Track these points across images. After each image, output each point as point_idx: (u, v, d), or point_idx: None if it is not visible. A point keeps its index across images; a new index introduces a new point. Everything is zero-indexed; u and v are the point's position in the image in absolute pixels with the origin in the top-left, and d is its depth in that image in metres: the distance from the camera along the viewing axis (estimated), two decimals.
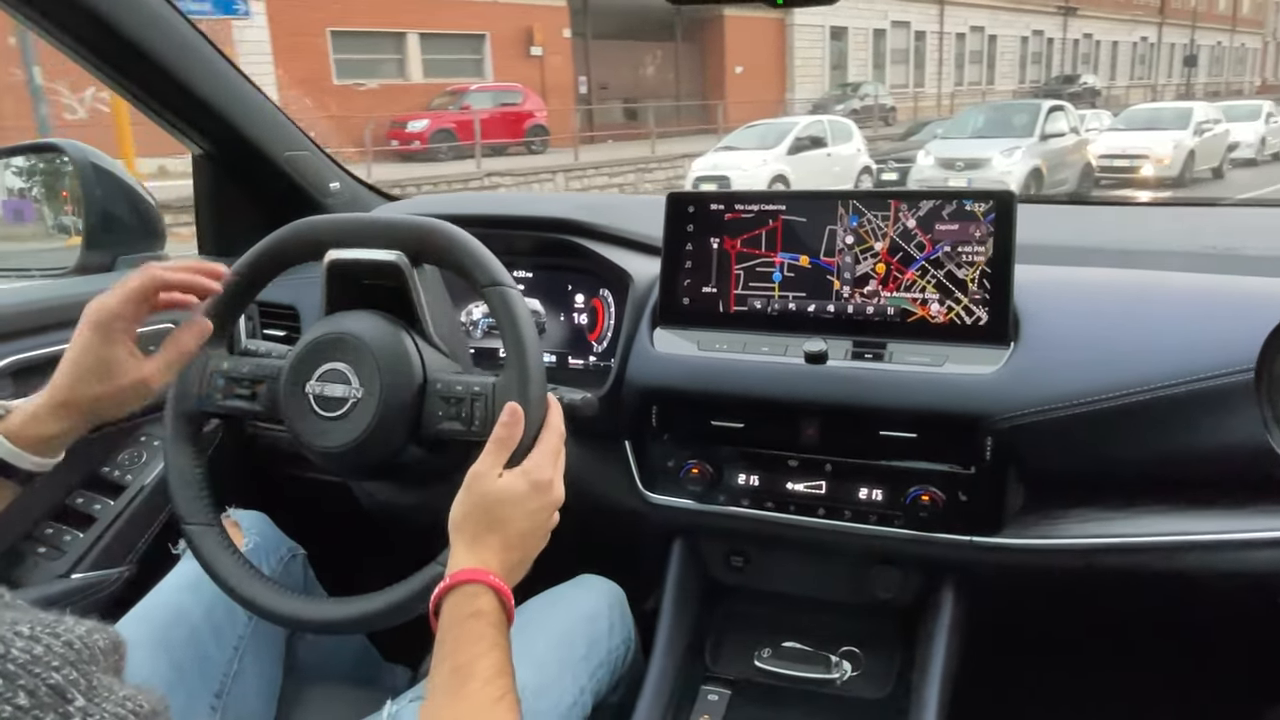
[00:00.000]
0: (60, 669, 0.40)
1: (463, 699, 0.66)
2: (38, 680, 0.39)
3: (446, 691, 0.68)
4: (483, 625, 0.71)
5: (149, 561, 1.27)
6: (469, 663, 0.69)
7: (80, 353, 0.79)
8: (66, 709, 0.39)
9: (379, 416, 0.86)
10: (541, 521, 0.81)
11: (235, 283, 0.94)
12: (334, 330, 0.91)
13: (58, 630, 0.42)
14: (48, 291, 1.33)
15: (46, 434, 0.78)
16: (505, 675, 0.69)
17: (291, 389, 0.90)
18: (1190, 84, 35.82)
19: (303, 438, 0.89)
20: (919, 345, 1.06)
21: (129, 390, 0.80)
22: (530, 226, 1.34)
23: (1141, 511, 1.00)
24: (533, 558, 0.81)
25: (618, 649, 1.09)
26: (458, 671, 0.68)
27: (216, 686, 0.96)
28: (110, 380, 0.79)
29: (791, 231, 1.12)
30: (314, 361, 0.90)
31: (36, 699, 0.39)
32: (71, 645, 0.42)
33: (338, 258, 0.93)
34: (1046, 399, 0.98)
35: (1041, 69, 32.22)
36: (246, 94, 1.41)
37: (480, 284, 0.87)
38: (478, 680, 0.67)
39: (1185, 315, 1.03)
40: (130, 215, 1.47)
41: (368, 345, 0.88)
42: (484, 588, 0.73)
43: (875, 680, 1.15)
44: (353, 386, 0.87)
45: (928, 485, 1.04)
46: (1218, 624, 1.19)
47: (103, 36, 1.19)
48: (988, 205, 1.04)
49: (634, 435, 1.19)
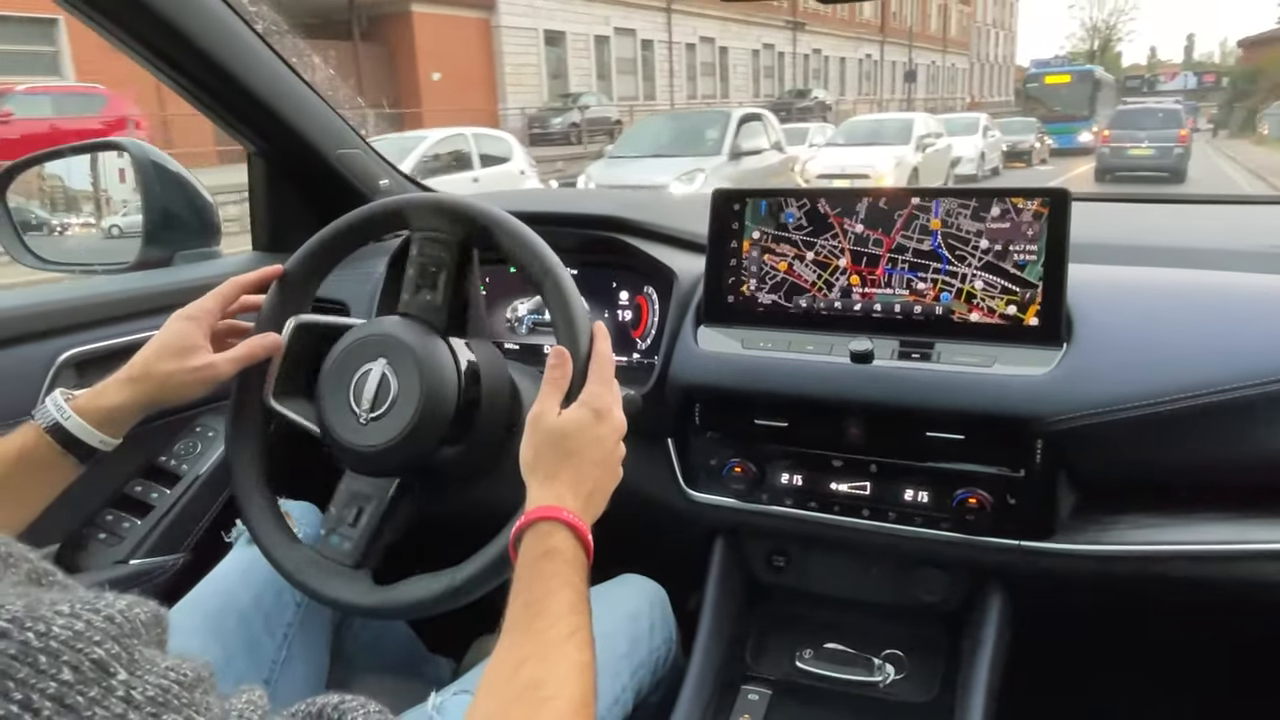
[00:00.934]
0: (102, 644, 0.41)
1: (533, 635, 0.66)
2: (81, 656, 0.40)
3: (517, 628, 0.67)
4: (557, 563, 0.71)
5: (203, 549, 1.30)
6: (540, 599, 0.68)
7: (166, 333, 0.89)
8: (110, 682, 0.40)
9: (418, 418, 0.87)
10: (609, 449, 0.81)
11: (314, 252, 1.00)
12: (376, 331, 0.92)
13: (98, 606, 0.43)
14: (108, 286, 1.37)
15: (109, 405, 0.84)
16: (578, 613, 0.68)
17: (333, 386, 0.92)
18: (911, 99, 38.63)
19: (335, 432, 0.90)
20: (968, 345, 1.04)
21: (198, 374, 0.89)
22: (575, 224, 1.34)
23: (1198, 519, 0.97)
24: (608, 490, 0.82)
25: (659, 649, 1.09)
26: (529, 607, 0.68)
27: (265, 674, 0.98)
28: (184, 360, 0.88)
29: (838, 229, 1.11)
30: (355, 361, 0.91)
31: (80, 674, 0.39)
32: (112, 620, 0.43)
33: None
34: (1100, 402, 0.95)
35: (775, 83, 32.35)
36: (300, 93, 1.43)
37: (534, 274, 0.90)
38: (548, 617, 0.67)
39: (1248, 316, 1.00)
40: (188, 212, 1.51)
41: (409, 346, 0.89)
42: (558, 525, 0.73)
43: (919, 684, 1.13)
44: (393, 387, 0.89)
45: (975, 488, 1.02)
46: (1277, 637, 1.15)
47: (161, 35, 1.22)
48: (1041, 203, 1.02)
49: (677, 433, 1.19)
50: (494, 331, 1.43)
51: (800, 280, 1.13)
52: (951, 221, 1.06)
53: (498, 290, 1.42)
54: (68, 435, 0.81)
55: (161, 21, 1.20)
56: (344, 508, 0.94)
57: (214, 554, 1.10)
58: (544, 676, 0.62)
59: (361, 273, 1.44)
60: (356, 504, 0.93)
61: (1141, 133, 16.45)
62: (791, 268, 1.14)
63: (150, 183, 1.46)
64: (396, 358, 0.89)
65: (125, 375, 0.86)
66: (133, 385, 0.86)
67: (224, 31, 1.28)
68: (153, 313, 1.34)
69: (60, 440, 0.81)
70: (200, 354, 0.89)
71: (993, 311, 1.04)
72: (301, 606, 1.04)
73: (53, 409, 0.82)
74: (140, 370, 0.86)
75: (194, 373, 0.88)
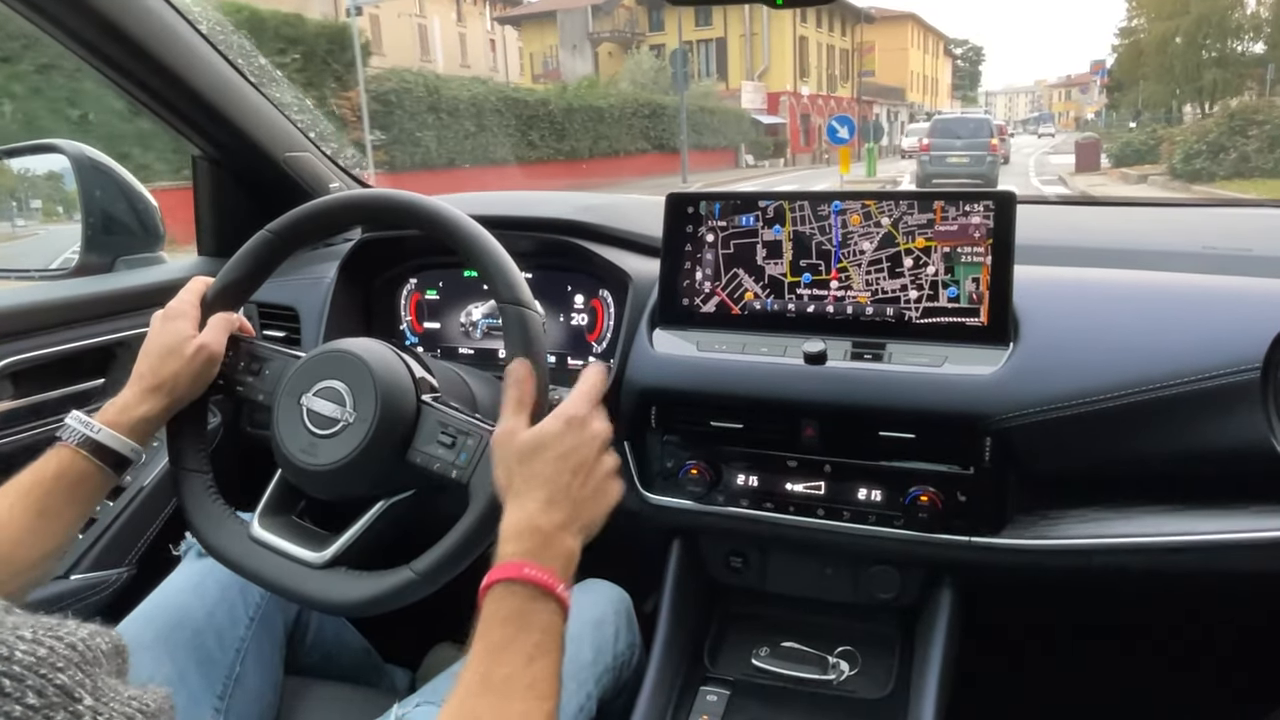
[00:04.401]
0: (65, 670, 0.41)
1: (491, 687, 0.63)
2: (44, 681, 0.39)
3: (475, 678, 0.64)
4: (519, 625, 0.66)
5: (148, 563, 1.27)
6: (499, 647, 0.65)
7: (151, 339, 0.91)
8: (76, 707, 0.40)
9: (369, 439, 0.85)
10: (588, 459, 0.76)
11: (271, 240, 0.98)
12: (337, 348, 0.91)
13: (60, 633, 0.42)
14: (48, 293, 1.33)
15: (138, 416, 0.87)
16: (541, 656, 0.65)
17: (287, 400, 0.90)
18: None
19: (286, 448, 0.89)
20: (918, 346, 1.06)
21: (198, 361, 0.91)
22: (531, 228, 1.34)
23: (1142, 512, 1.00)
24: (601, 503, 0.77)
25: (623, 654, 1.09)
26: (489, 653, 0.65)
27: (220, 688, 0.96)
28: (180, 355, 0.90)
29: (791, 232, 1.12)
30: (313, 377, 0.90)
31: (45, 698, 0.39)
32: (75, 647, 0.42)
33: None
34: (1046, 399, 0.98)
35: None
36: (247, 95, 1.41)
37: (503, 299, 0.87)
38: (509, 665, 0.64)
39: (1188, 315, 1.03)
40: (129, 216, 1.47)
41: (369, 366, 0.88)
42: (516, 585, 0.67)
43: (873, 680, 1.15)
44: (346, 408, 0.87)
45: (927, 486, 1.04)
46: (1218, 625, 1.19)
47: (103, 36, 1.19)
48: (987, 206, 1.04)
49: (633, 436, 1.19)
50: (448, 336, 1.42)
51: (755, 282, 1.14)
52: (901, 224, 1.08)
53: (452, 294, 1.41)
54: (100, 447, 0.84)
55: (104, 22, 1.17)
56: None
57: (160, 568, 1.07)
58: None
59: (312, 277, 1.42)
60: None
61: (958, 140, 17.50)
62: (746, 270, 1.14)
63: (89, 186, 1.42)
64: (355, 378, 0.88)
65: (144, 386, 0.89)
66: (155, 394, 0.89)
67: (167, 32, 1.25)
68: (94, 319, 1.30)
69: (95, 453, 0.83)
70: (189, 343, 0.91)
71: (942, 312, 1.06)
72: (255, 621, 1.02)
73: (79, 426, 0.84)
74: (153, 380, 0.89)
75: (194, 363, 0.91)
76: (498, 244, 0.90)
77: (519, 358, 0.82)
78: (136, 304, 1.36)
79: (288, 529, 0.91)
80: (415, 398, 0.89)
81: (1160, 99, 34.94)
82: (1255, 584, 1.00)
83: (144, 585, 1.05)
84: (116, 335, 1.32)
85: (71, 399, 1.26)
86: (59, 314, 1.26)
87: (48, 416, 1.22)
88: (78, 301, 1.30)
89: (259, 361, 0.97)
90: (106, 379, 1.31)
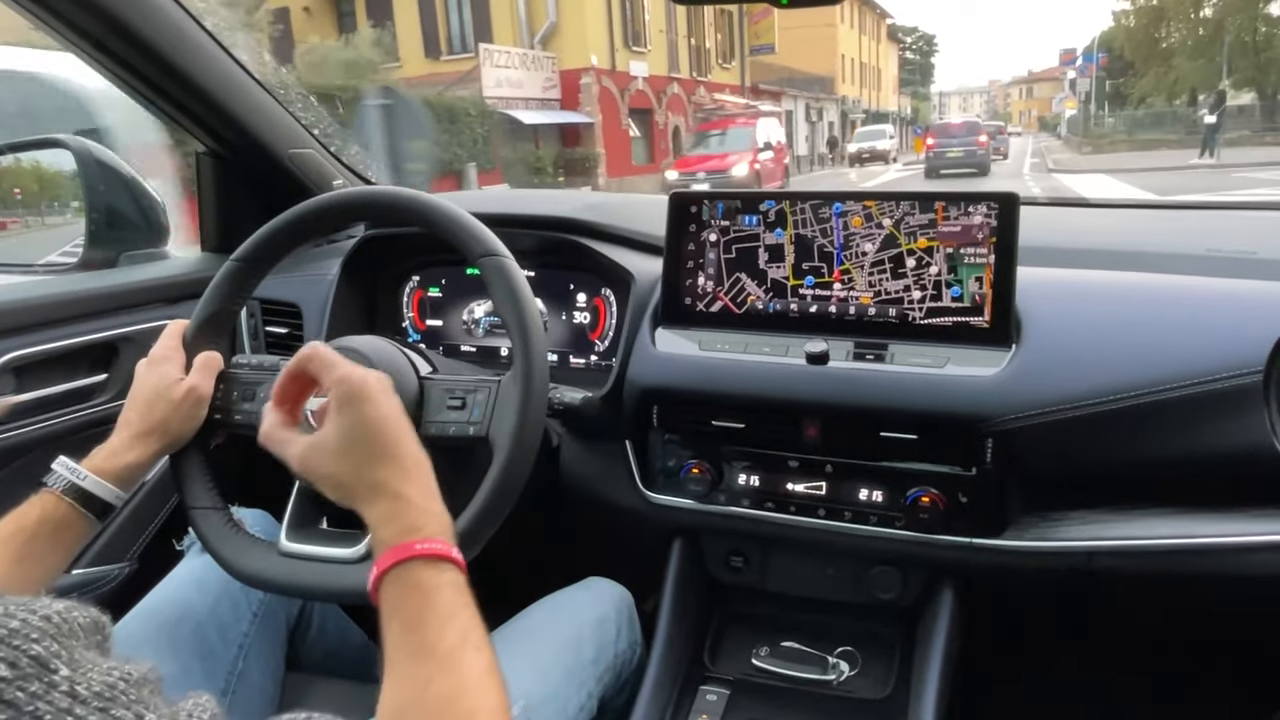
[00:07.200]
0: (40, 640, 0.40)
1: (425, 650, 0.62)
2: (18, 652, 0.39)
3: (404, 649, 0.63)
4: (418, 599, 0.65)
5: (150, 558, 1.27)
6: (417, 613, 0.64)
7: (137, 386, 0.91)
8: (52, 678, 0.39)
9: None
10: (393, 414, 0.73)
11: (239, 269, 0.97)
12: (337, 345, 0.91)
13: (34, 607, 0.42)
14: (51, 287, 1.33)
15: (126, 463, 0.86)
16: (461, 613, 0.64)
17: None
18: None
19: None
20: (920, 346, 1.06)
21: (187, 403, 0.91)
22: (534, 226, 1.34)
23: (1143, 514, 1.00)
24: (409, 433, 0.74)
25: (625, 653, 1.09)
26: (409, 629, 0.64)
27: (222, 684, 0.96)
28: (169, 399, 0.90)
29: (794, 232, 1.12)
30: None
31: (19, 670, 0.38)
32: (49, 619, 0.42)
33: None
34: (1048, 401, 0.98)
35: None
36: (252, 92, 1.41)
37: (475, 254, 0.88)
38: (433, 628, 0.63)
39: (1191, 318, 1.03)
40: (133, 211, 1.47)
41: (367, 358, 0.88)
42: (406, 564, 0.66)
43: (873, 680, 1.15)
44: None
45: (928, 487, 1.04)
46: (1219, 627, 1.19)
47: (109, 33, 1.19)
48: (991, 207, 1.04)
49: (635, 435, 1.19)
50: (451, 334, 1.42)
51: (757, 282, 1.14)
52: (905, 225, 1.08)
53: (454, 292, 1.41)
54: (86, 494, 0.83)
55: (109, 18, 1.17)
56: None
57: (162, 563, 1.07)
58: (456, 688, 0.59)
59: (315, 274, 1.42)
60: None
61: (954, 140, 22.15)
62: (749, 269, 1.14)
63: (94, 181, 1.42)
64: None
65: (133, 432, 0.88)
66: (144, 440, 0.88)
67: (172, 28, 1.25)
68: (98, 314, 1.31)
69: (79, 500, 0.83)
70: (176, 387, 0.91)
71: (945, 313, 1.06)
72: (258, 616, 1.02)
73: (65, 472, 0.83)
74: (141, 426, 0.88)
75: (182, 407, 0.90)
76: (457, 207, 0.91)
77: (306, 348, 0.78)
78: (140, 299, 1.36)
79: (316, 537, 0.89)
80: (416, 378, 0.90)
81: (1200, 78, 28.84)
82: (1256, 587, 1.00)
83: (146, 580, 1.05)
84: (120, 330, 1.32)
85: (74, 394, 1.26)
86: (63, 309, 1.26)
87: (51, 411, 1.22)
88: (81, 296, 1.30)
89: (251, 387, 0.95)
90: (109, 374, 1.31)
